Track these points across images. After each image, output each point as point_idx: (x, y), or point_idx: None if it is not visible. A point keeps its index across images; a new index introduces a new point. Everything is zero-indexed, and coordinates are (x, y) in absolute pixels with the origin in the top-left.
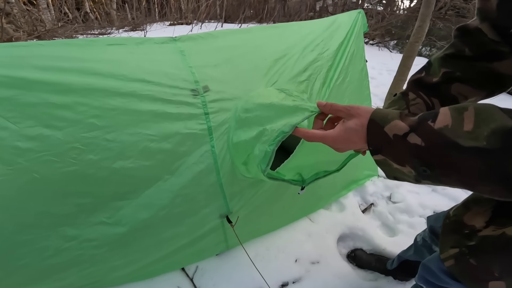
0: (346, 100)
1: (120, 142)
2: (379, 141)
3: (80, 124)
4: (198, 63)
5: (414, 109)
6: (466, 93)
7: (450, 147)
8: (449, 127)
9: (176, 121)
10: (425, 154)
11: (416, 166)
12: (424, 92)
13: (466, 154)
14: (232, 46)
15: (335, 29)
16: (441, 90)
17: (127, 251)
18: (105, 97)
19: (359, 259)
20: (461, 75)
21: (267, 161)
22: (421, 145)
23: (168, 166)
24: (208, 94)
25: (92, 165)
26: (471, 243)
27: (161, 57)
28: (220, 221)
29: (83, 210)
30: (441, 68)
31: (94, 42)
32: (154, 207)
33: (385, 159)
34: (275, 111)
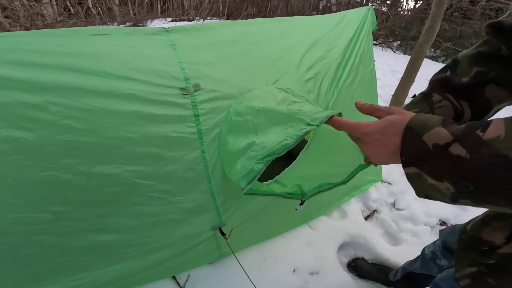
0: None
1: (100, 146)
2: (415, 151)
3: (54, 126)
4: (191, 59)
5: (439, 113)
6: (501, 96)
7: (502, 162)
8: (501, 138)
9: (163, 123)
10: (469, 168)
11: (456, 181)
12: (452, 94)
13: None
14: (230, 41)
15: (344, 26)
16: (473, 92)
17: (114, 259)
18: (82, 97)
19: (360, 269)
20: (496, 76)
21: (250, 179)
22: (466, 157)
23: (155, 172)
24: (199, 94)
25: (69, 170)
26: (490, 262)
27: (150, 51)
28: (213, 233)
29: (61, 218)
30: (473, 67)
31: (77, 32)
32: (141, 215)
33: (419, 173)
34: (266, 118)
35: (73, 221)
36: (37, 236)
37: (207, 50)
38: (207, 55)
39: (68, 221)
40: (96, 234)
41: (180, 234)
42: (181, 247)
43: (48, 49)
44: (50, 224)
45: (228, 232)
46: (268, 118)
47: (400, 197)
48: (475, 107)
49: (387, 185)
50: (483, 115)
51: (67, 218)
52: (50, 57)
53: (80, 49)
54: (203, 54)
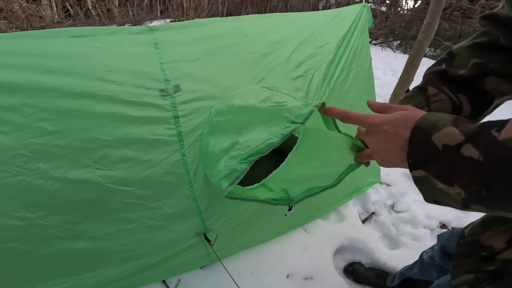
0: (350, 100)
1: (74, 149)
2: (423, 153)
3: (27, 129)
4: (173, 58)
5: (435, 107)
6: (504, 89)
7: None
8: None
9: (140, 125)
10: (483, 171)
11: (468, 186)
12: (449, 87)
13: None
14: (216, 36)
15: (338, 22)
16: (472, 84)
17: (92, 265)
18: (56, 98)
19: (358, 274)
20: (497, 68)
21: (232, 180)
22: (478, 160)
23: (132, 176)
24: (180, 95)
25: (42, 175)
26: (489, 268)
27: (129, 51)
28: (199, 239)
29: (33, 224)
30: (470, 58)
31: (57, 34)
32: (118, 222)
33: (427, 176)
34: (247, 116)
35: (45, 228)
36: (8, 244)
37: (191, 46)
38: (191, 51)
39: (40, 228)
40: (70, 242)
41: (161, 241)
42: (164, 254)
43: (23, 51)
44: (21, 231)
45: (213, 238)
46: (250, 116)
47: (399, 199)
48: (474, 101)
49: (386, 187)
50: (483, 109)
51: (39, 225)
52: (26, 58)
53: (56, 50)
54: (187, 50)
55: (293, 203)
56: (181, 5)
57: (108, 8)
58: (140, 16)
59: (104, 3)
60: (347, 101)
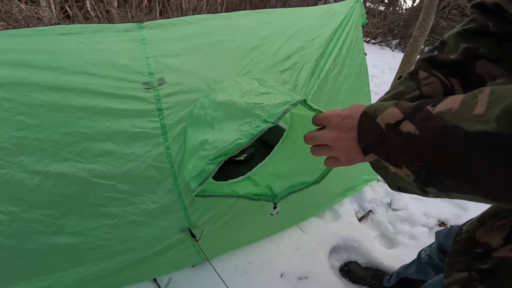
0: (342, 95)
1: (55, 142)
2: (370, 135)
3: (7, 122)
4: (159, 52)
5: (427, 90)
6: (494, 72)
7: (450, 133)
8: (452, 111)
9: (121, 118)
10: (419, 146)
11: (411, 164)
12: (440, 71)
13: (471, 143)
14: (203, 33)
15: (329, 17)
16: (463, 67)
17: (75, 261)
18: (34, 92)
19: (353, 274)
20: (487, 53)
21: (201, 181)
22: (415, 134)
23: (114, 170)
24: (164, 87)
25: (24, 168)
26: (483, 266)
27: (114, 47)
28: (184, 235)
29: (17, 219)
30: (460, 43)
31: (44, 32)
32: (100, 216)
33: (379, 160)
34: (224, 111)
35: (29, 222)
36: None
37: (178, 42)
38: (176, 46)
39: (24, 222)
40: (53, 236)
41: (145, 237)
42: (148, 250)
43: (7, 47)
44: (6, 225)
45: (198, 234)
46: (226, 112)
47: (396, 196)
48: (466, 84)
49: (383, 185)
50: None
51: (23, 219)
52: (8, 54)
53: (40, 47)
54: (172, 46)
55: (277, 199)
56: (180, 6)
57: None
58: (139, 17)
59: (103, 4)
60: (340, 96)
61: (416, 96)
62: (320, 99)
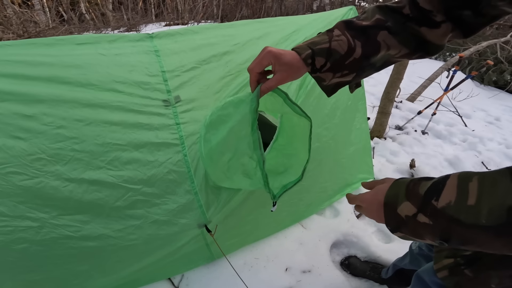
0: (333, 99)
1: (89, 153)
2: (395, 222)
3: (46, 135)
4: (172, 66)
5: (335, 45)
6: (390, 43)
7: (455, 224)
8: (451, 204)
9: (147, 131)
10: (436, 231)
11: (433, 239)
12: (350, 33)
13: (472, 230)
14: (209, 44)
15: (324, 26)
16: (368, 33)
17: (102, 264)
18: (74, 109)
19: (354, 268)
20: (391, 26)
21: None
22: (430, 224)
23: (140, 175)
24: (180, 105)
25: (59, 176)
26: (467, 253)
27: (133, 59)
28: (200, 231)
29: (46, 225)
30: (376, 14)
31: (62, 41)
32: (125, 218)
33: (405, 236)
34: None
35: (57, 227)
36: (19, 245)
37: (187, 54)
38: (187, 60)
39: (52, 228)
40: (80, 241)
41: (166, 235)
42: (170, 248)
43: (36, 60)
44: (33, 231)
45: (213, 228)
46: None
47: None
48: (366, 47)
49: None
50: (372, 54)
51: (52, 225)
52: (41, 68)
53: (67, 59)
54: (184, 60)
55: (276, 198)
56: (176, 8)
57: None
58: (135, 20)
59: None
60: (330, 100)
61: (325, 48)
62: (308, 105)
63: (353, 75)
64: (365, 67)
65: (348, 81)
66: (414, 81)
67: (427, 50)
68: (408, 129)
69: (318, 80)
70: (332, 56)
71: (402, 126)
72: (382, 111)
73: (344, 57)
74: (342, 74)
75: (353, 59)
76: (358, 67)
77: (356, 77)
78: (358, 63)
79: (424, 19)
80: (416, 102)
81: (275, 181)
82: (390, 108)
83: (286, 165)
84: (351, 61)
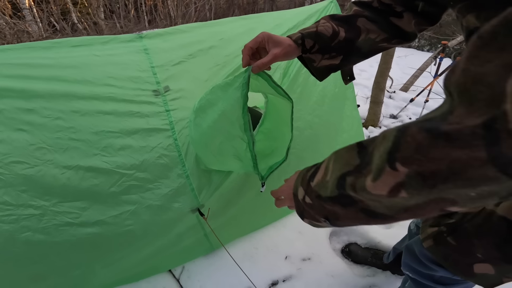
0: (320, 87)
1: (85, 141)
2: (298, 208)
3: (46, 126)
4: (161, 62)
5: (321, 29)
6: (369, 28)
7: (320, 199)
8: (318, 182)
9: (139, 118)
10: (316, 209)
11: (320, 219)
12: (334, 22)
13: (328, 203)
14: (197, 41)
15: (305, 18)
16: (349, 20)
17: (102, 251)
18: (70, 101)
19: (355, 255)
20: (368, 15)
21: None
22: (311, 203)
23: (133, 161)
24: (169, 93)
25: (57, 164)
26: (449, 221)
27: (125, 59)
28: (196, 218)
29: (47, 212)
30: (353, 7)
31: (59, 44)
32: (121, 204)
33: (310, 221)
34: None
35: (58, 214)
36: (24, 234)
37: (176, 51)
38: (175, 56)
39: (53, 215)
40: (79, 227)
41: (161, 219)
42: (167, 234)
43: (36, 62)
44: (36, 219)
45: (206, 212)
46: (222, 88)
47: None
48: (348, 32)
49: None
50: (354, 38)
51: (53, 212)
52: (39, 69)
53: (64, 61)
54: (172, 55)
55: (264, 179)
56: (168, 14)
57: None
58: (128, 27)
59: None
60: (317, 88)
61: (313, 31)
62: (292, 91)
63: (340, 58)
64: (352, 51)
65: (337, 64)
66: (407, 72)
67: (403, 37)
68: (403, 117)
69: (308, 61)
70: (320, 38)
71: (397, 114)
72: (374, 100)
73: (330, 39)
74: (330, 55)
75: (338, 41)
76: (345, 50)
77: (344, 60)
78: (344, 46)
79: (389, 10)
80: (409, 92)
81: (262, 163)
82: (382, 97)
83: (273, 147)
84: (336, 43)
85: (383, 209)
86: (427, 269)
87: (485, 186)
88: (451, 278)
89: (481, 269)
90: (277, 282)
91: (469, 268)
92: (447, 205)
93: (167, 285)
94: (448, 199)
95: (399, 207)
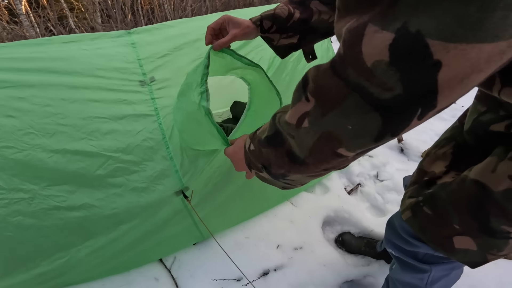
0: None
1: (72, 126)
2: (246, 159)
3: (35, 113)
4: (147, 54)
5: (278, 12)
6: (321, 9)
7: (261, 144)
8: (263, 129)
9: (126, 105)
10: (256, 155)
11: (259, 166)
12: (292, 5)
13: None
14: (182, 34)
15: None
16: (305, 4)
17: (88, 234)
18: (60, 90)
19: (348, 244)
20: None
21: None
22: (254, 149)
23: (119, 144)
24: (155, 83)
25: (44, 148)
26: (427, 192)
27: (112, 51)
28: (182, 203)
29: (36, 196)
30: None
31: (51, 41)
32: (106, 187)
33: (256, 173)
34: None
35: (46, 198)
36: (15, 218)
37: (162, 44)
38: (161, 48)
39: (42, 199)
40: (67, 211)
41: (146, 202)
42: (150, 217)
43: (28, 56)
44: (26, 203)
45: (189, 195)
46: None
47: (382, 168)
48: (302, 13)
49: (369, 158)
50: (307, 18)
51: (41, 196)
52: (32, 62)
53: (55, 54)
54: (158, 48)
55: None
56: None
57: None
58: None
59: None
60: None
61: (270, 14)
62: (281, 80)
63: (297, 37)
64: (307, 30)
65: (295, 43)
66: None
67: None
68: None
69: (268, 41)
70: (276, 20)
71: None
72: None
73: (286, 20)
74: (288, 35)
75: (293, 22)
76: (300, 30)
77: (301, 39)
78: (299, 27)
79: None
80: None
81: None
82: None
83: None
84: (292, 23)
85: (297, 149)
86: (409, 245)
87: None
88: (435, 256)
89: (461, 244)
90: (268, 271)
91: (448, 241)
92: (335, 145)
93: (158, 275)
94: (333, 134)
95: (305, 146)
